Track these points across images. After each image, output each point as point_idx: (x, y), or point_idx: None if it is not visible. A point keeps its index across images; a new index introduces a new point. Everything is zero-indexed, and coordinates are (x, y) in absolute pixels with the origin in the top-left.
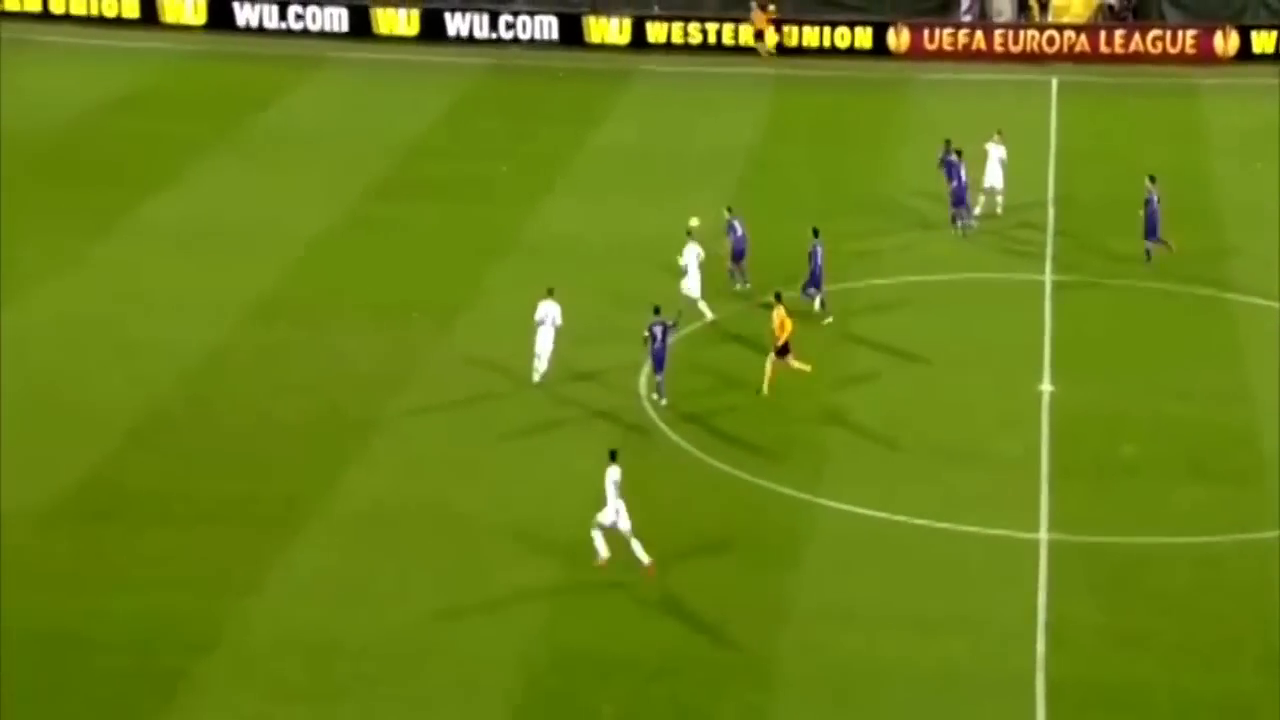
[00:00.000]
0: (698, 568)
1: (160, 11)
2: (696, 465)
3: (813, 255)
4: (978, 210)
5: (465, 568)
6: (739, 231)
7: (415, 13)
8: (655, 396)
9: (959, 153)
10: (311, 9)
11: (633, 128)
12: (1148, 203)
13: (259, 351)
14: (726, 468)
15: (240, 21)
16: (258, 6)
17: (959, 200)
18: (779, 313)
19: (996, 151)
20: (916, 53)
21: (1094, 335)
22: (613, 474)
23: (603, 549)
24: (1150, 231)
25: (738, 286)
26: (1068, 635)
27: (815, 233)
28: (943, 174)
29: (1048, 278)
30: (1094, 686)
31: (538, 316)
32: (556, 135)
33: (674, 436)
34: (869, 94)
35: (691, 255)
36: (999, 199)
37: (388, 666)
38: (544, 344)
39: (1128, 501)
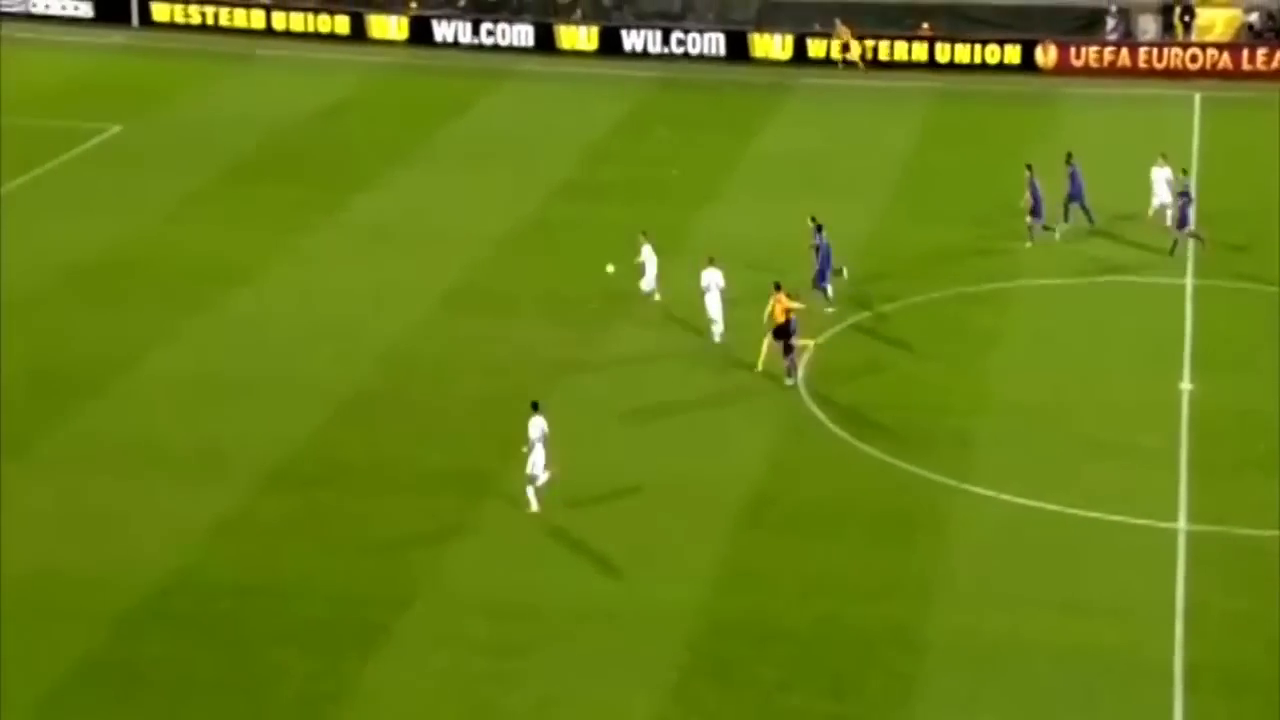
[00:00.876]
0: (852, 546)
1: (368, 28)
2: (852, 452)
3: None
4: (1160, 223)
5: (638, 536)
6: (822, 244)
7: (594, 29)
8: (788, 380)
9: (1068, 158)
10: (501, 26)
11: (793, 136)
12: (1183, 194)
13: (450, 338)
14: (879, 454)
15: (438, 37)
16: (453, 24)
17: (1037, 211)
18: (779, 299)
19: (1162, 173)
20: (1063, 69)
21: (1233, 337)
22: (538, 425)
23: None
24: (1182, 222)
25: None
26: (1205, 621)
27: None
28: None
29: (1189, 281)
30: (1230, 670)
31: (703, 284)
32: (721, 143)
33: (832, 426)
34: (1017, 108)
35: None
36: (1168, 213)
37: (563, 626)
38: (714, 308)
39: (1264, 496)
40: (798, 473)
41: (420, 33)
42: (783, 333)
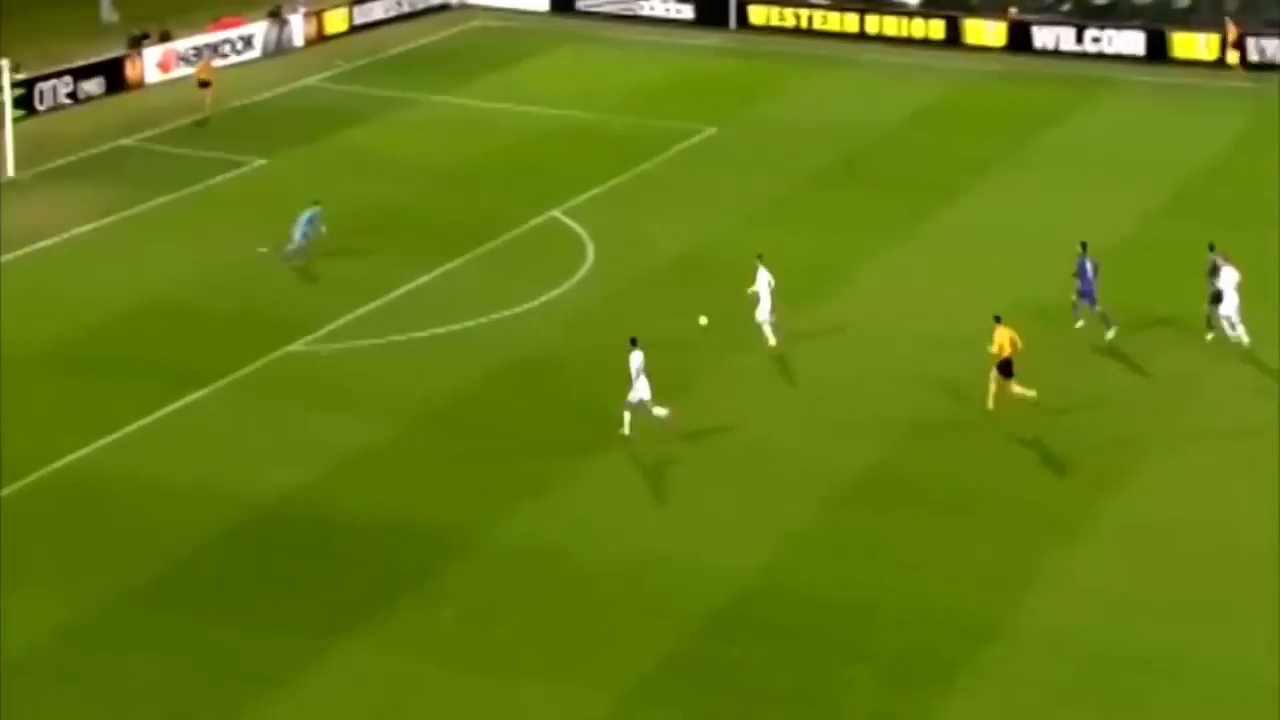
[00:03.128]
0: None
1: (963, 34)
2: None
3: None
4: None
5: (1229, 586)
6: (1089, 272)
7: (1215, 37)
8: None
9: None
10: (1109, 32)
11: None
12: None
13: (1037, 358)
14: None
15: (1038, 44)
16: (1055, 30)
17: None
18: (1001, 333)
19: None
20: None
21: None
22: (636, 359)
23: (628, 426)
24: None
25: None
26: None
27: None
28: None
29: None
30: None
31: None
32: None
33: None
34: None
35: (763, 282)
36: None
37: (1160, 679)
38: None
39: None
40: None
41: (1019, 39)
42: (1008, 369)
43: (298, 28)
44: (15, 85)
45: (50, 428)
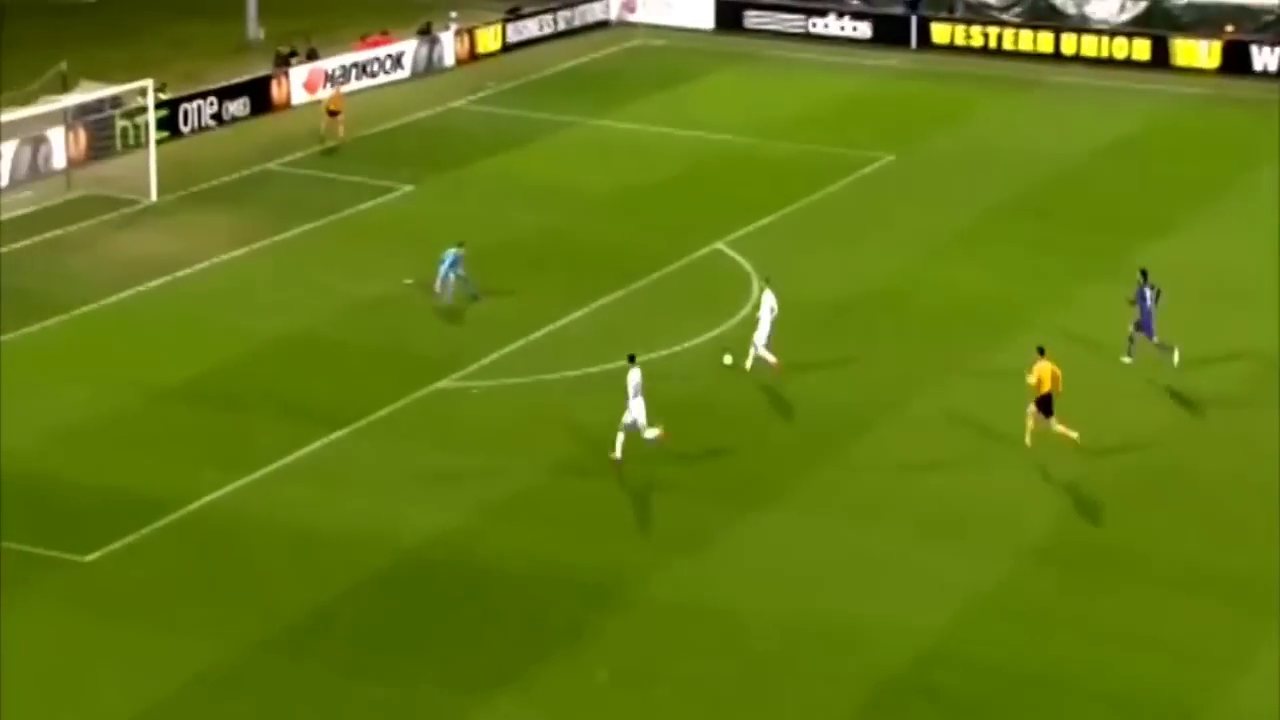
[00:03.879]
0: None
1: (1172, 54)
2: None
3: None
4: None
5: None
6: (1149, 301)
7: None
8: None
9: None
10: None
11: None
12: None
13: (1225, 405)
14: None
15: (1257, 65)
16: (1277, 50)
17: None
18: (1041, 366)
19: None
20: None
21: None
22: (634, 377)
23: (619, 450)
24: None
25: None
26: None
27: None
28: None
29: None
30: None
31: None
32: None
33: None
34: None
35: (765, 307)
36: None
37: None
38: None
39: None
40: None
41: (1236, 60)
42: (1047, 405)
43: (449, 46)
44: (159, 106)
45: (191, 463)
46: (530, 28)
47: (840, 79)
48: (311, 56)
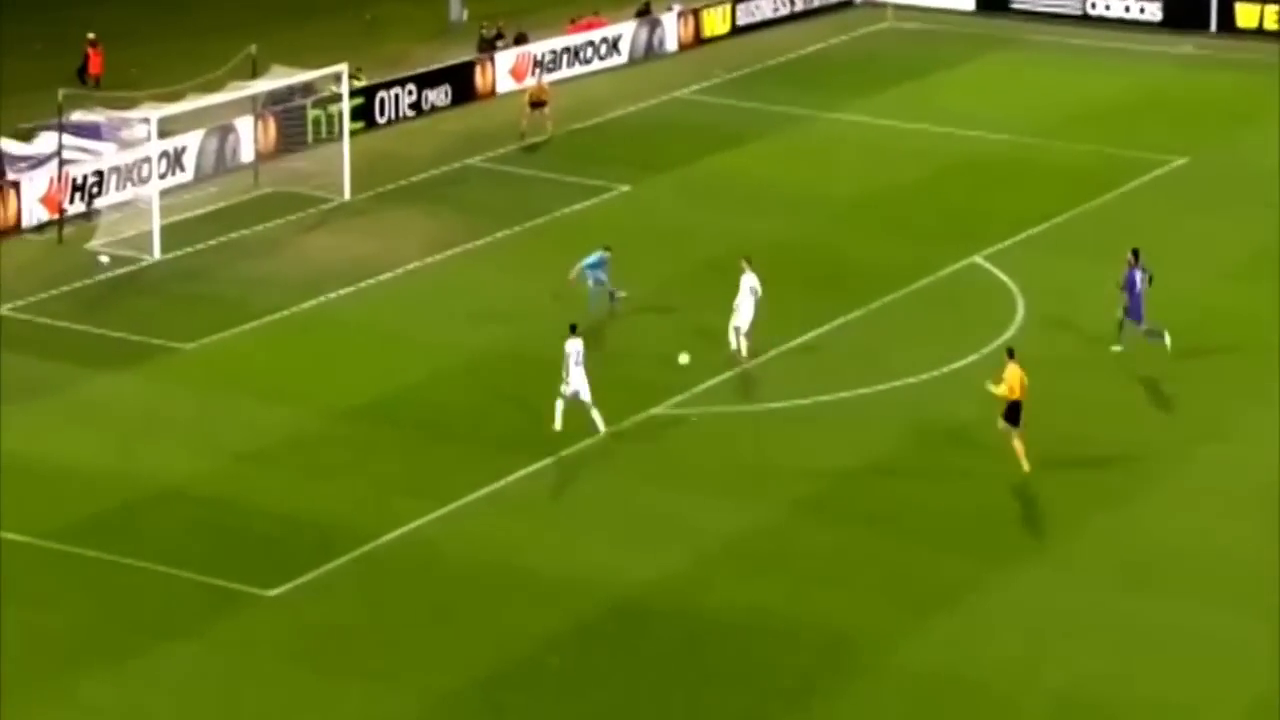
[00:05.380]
0: None
1: None
2: None
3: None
4: None
5: None
6: (1138, 285)
7: None
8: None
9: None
10: None
11: None
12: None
13: None
14: None
15: None
16: None
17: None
18: (1011, 372)
19: None
20: None
21: None
22: (574, 346)
23: (559, 420)
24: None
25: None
26: None
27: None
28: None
29: None
30: None
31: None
32: None
33: None
34: None
35: (746, 288)
36: None
37: None
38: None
39: None
40: None
41: None
42: (1015, 414)
43: (671, 29)
44: (354, 94)
45: (382, 491)
46: (763, 8)
47: (1124, 68)
48: (519, 40)
